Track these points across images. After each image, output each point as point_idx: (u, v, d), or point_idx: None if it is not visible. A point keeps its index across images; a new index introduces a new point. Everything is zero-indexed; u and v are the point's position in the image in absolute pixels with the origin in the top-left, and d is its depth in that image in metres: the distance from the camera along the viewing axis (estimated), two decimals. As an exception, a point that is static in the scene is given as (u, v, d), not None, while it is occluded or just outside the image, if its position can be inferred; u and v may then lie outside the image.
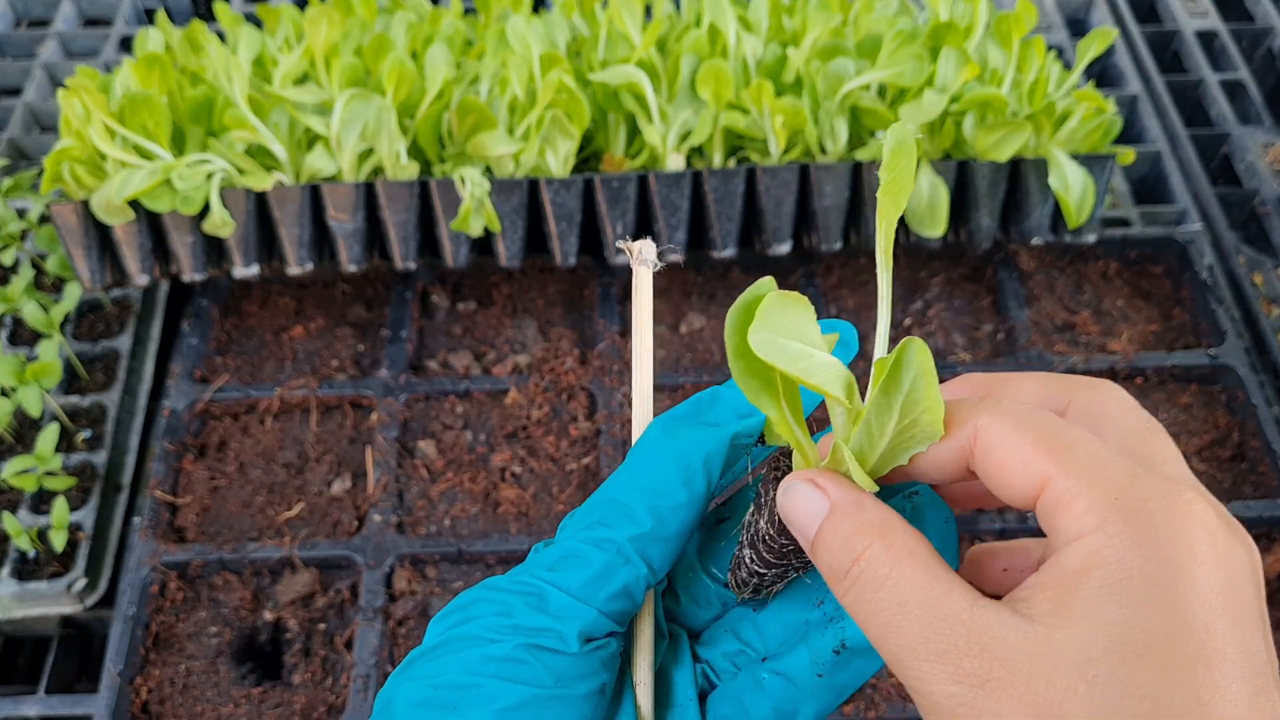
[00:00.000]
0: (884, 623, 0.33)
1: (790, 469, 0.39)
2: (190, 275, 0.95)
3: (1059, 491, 0.32)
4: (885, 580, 0.34)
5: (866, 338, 1.02)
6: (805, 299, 0.35)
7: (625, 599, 0.38)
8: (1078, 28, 1.39)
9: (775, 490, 0.38)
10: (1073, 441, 0.33)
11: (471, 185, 0.90)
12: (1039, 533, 0.36)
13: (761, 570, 0.40)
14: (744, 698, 0.40)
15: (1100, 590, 0.31)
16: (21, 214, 1.10)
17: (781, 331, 0.34)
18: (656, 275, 1.20)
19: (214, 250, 0.96)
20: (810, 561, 0.38)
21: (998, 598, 0.33)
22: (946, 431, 0.35)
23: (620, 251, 0.95)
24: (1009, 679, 0.31)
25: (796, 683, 0.39)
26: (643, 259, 0.49)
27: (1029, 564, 0.38)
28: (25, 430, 0.98)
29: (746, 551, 0.40)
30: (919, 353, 0.34)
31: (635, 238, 1.04)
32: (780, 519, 0.38)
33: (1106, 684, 0.30)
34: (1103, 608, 0.31)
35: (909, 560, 0.34)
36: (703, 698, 0.41)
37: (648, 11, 1.05)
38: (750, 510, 0.40)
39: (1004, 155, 0.92)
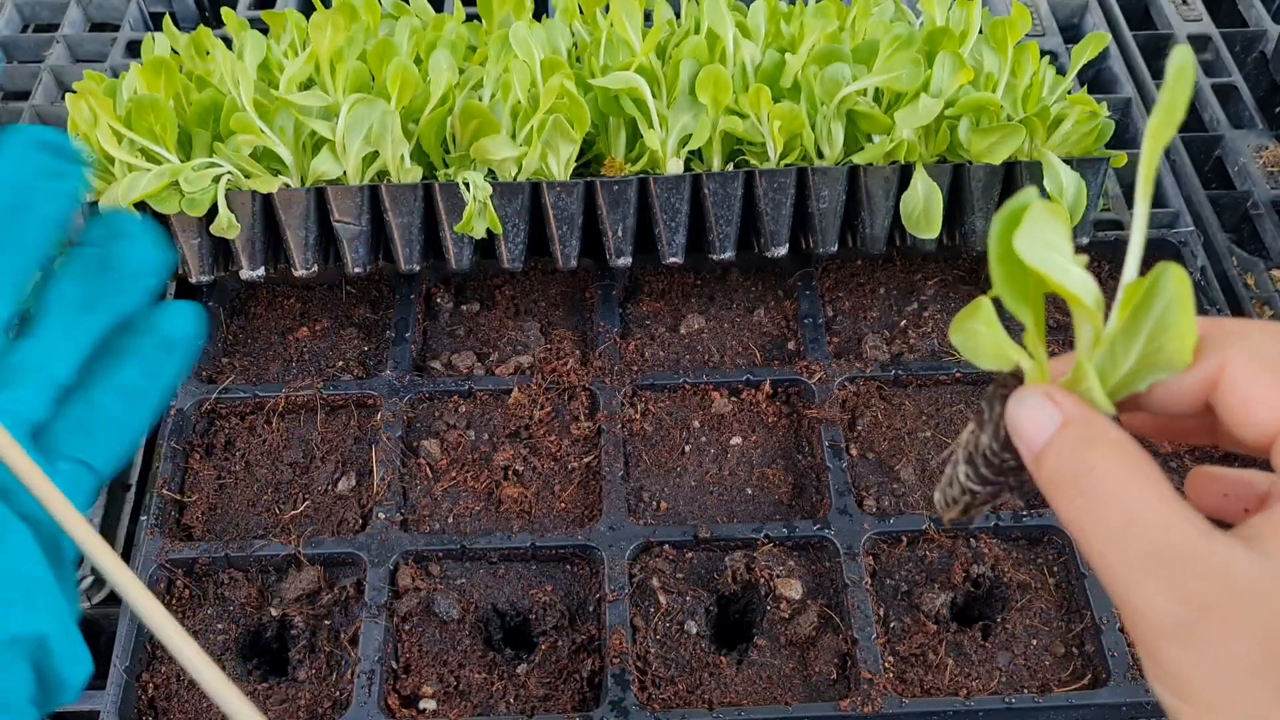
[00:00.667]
0: (1113, 538, 0.33)
1: (1019, 387, 0.39)
2: (197, 277, 0.96)
3: None
4: (1117, 496, 0.34)
5: (863, 338, 1.04)
6: (1065, 212, 0.36)
7: None
8: (1071, 33, 1.41)
9: (1003, 405, 0.38)
10: None
11: (475, 188, 0.91)
12: None
13: (976, 487, 0.40)
14: None
15: None
16: (29, 217, 1.11)
17: (1045, 240, 0.35)
18: (656, 277, 1.21)
19: (221, 252, 0.98)
20: (1025, 481, 0.38)
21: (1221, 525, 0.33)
22: (1194, 362, 0.35)
23: (621, 254, 0.97)
24: (1235, 607, 0.31)
25: None
26: None
27: (1252, 496, 0.39)
28: (33, 430, 0.99)
29: (962, 469, 0.41)
30: (1176, 278, 0.34)
31: (636, 241, 1.05)
32: (1006, 433, 0.38)
33: None
34: None
35: (1142, 480, 0.34)
36: None
37: (648, 18, 1.06)
38: (969, 429, 0.41)
39: (998, 158, 0.93)
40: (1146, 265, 1.14)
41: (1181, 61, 0.35)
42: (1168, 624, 0.32)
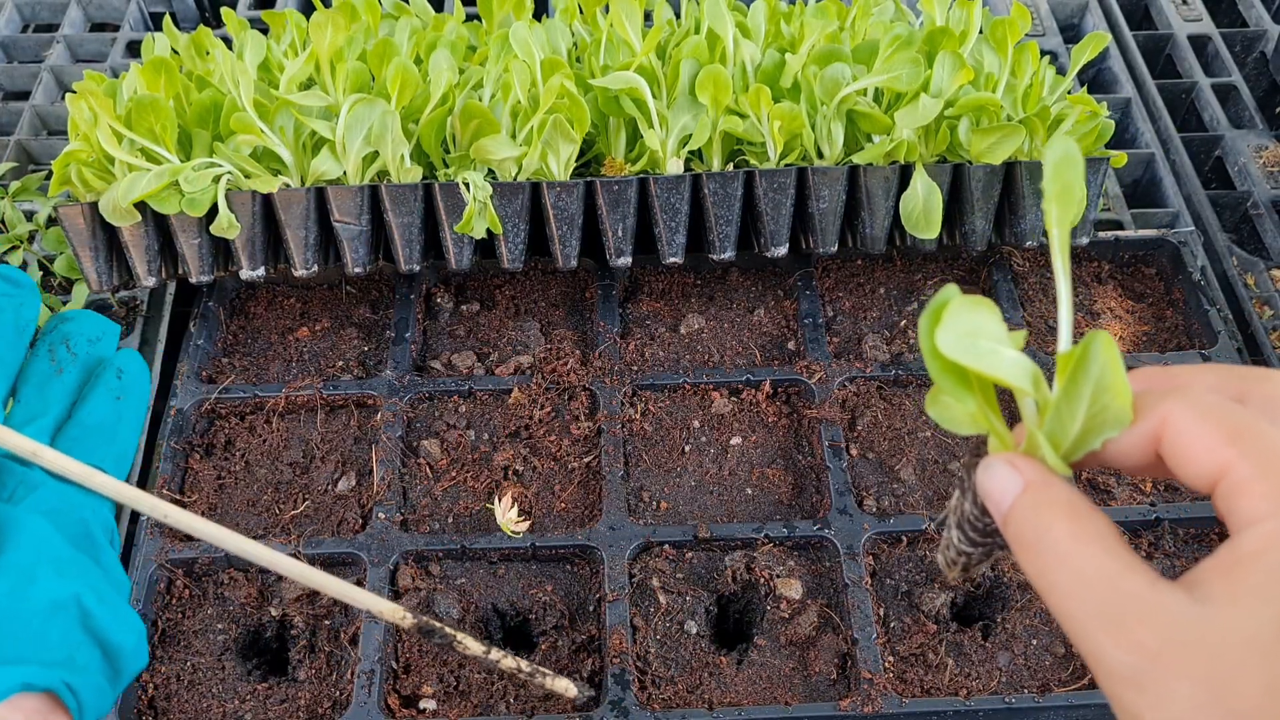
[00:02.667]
0: (1065, 593, 0.36)
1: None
2: (197, 277, 0.96)
3: (1239, 478, 0.35)
4: (1069, 555, 0.36)
5: (863, 338, 1.04)
6: (989, 301, 0.38)
7: None
8: (1071, 33, 1.41)
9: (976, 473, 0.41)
10: (1253, 430, 0.36)
11: (475, 188, 0.91)
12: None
13: (968, 550, 0.44)
14: None
15: (1275, 571, 0.33)
16: (29, 216, 1.11)
17: (967, 331, 0.37)
18: (656, 277, 1.21)
19: (221, 252, 0.98)
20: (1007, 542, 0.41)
21: None
22: (1135, 418, 0.38)
23: (621, 254, 0.97)
24: (1181, 653, 0.33)
25: None
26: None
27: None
28: (34, 430, 0.99)
29: (954, 533, 0.44)
30: (1105, 344, 0.36)
31: (636, 241, 1.05)
32: (981, 499, 0.41)
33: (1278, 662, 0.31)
34: (1277, 588, 0.33)
35: (1093, 538, 0.36)
36: None
37: (648, 18, 1.06)
38: (955, 495, 0.44)
39: (998, 158, 0.93)
40: (1146, 264, 1.14)
41: (1065, 149, 0.38)
42: (1123, 671, 0.34)
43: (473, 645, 0.70)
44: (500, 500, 0.90)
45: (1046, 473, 0.39)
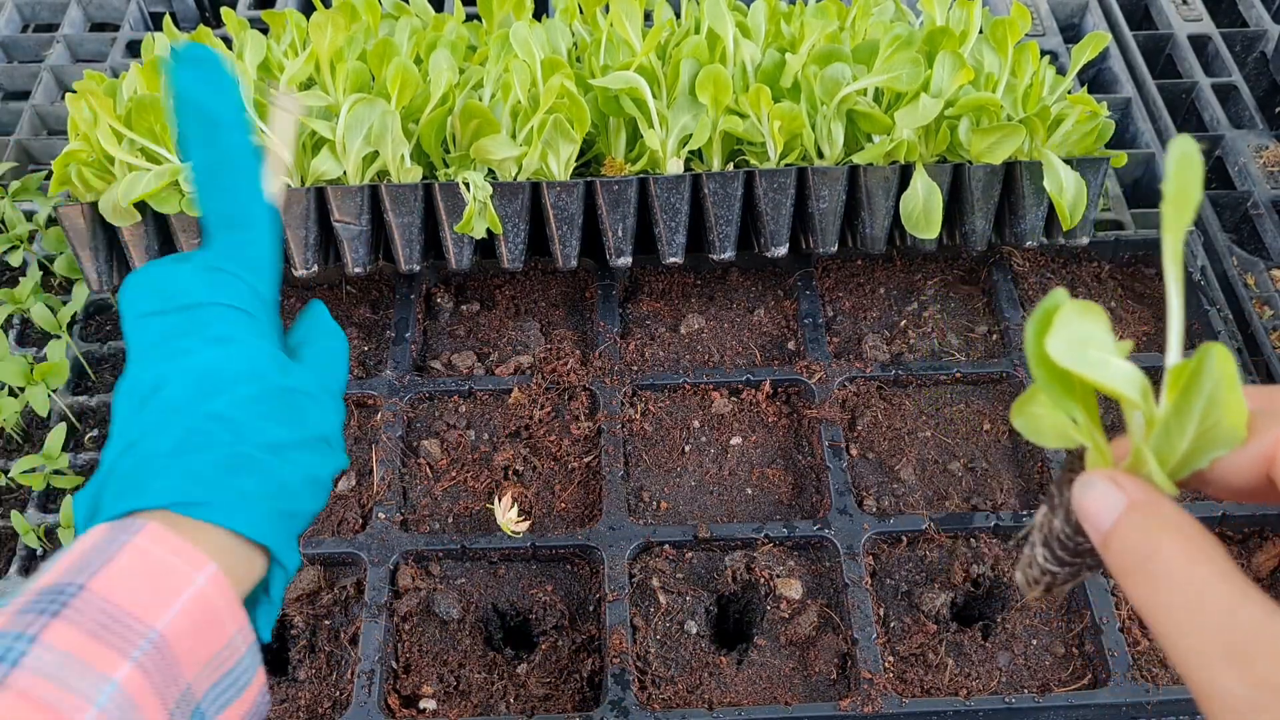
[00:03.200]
0: (1176, 622, 0.34)
1: (1084, 470, 0.40)
2: (197, 277, 0.96)
3: None
4: (1180, 580, 0.34)
5: (863, 338, 1.04)
6: (1099, 307, 0.36)
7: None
8: (1072, 33, 1.41)
9: (1071, 489, 0.39)
10: None
11: (475, 188, 0.91)
12: None
13: (1054, 569, 0.41)
14: None
15: None
16: (29, 216, 1.11)
17: (1078, 339, 0.36)
18: (656, 277, 1.21)
19: (220, 252, 0.98)
20: (1099, 562, 0.39)
21: None
22: (1248, 438, 0.36)
23: (620, 254, 0.97)
24: None
25: None
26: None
27: None
28: (33, 429, 0.99)
29: (1039, 551, 0.41)
30: (1220, 358, 0.34)
31: (636, 241, 1.05)
32: (1075, 517, 0.39)
33: None
34: None
35: (1205, 562, 0.34)
36: None
37: (648, 18, 1.06)
38: (1043, 510, 0.42)
39: (998, 158, 0.93)
40: (1146, 264, 1.13)
41: (1184, 150, 0.35)
42: (1239, 706, 0.32)
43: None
44: (500, 500, 0.90)
45: (1153, 491, 0.37)
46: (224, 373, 0.50)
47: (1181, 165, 0.35)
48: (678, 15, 1.08)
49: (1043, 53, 1.24)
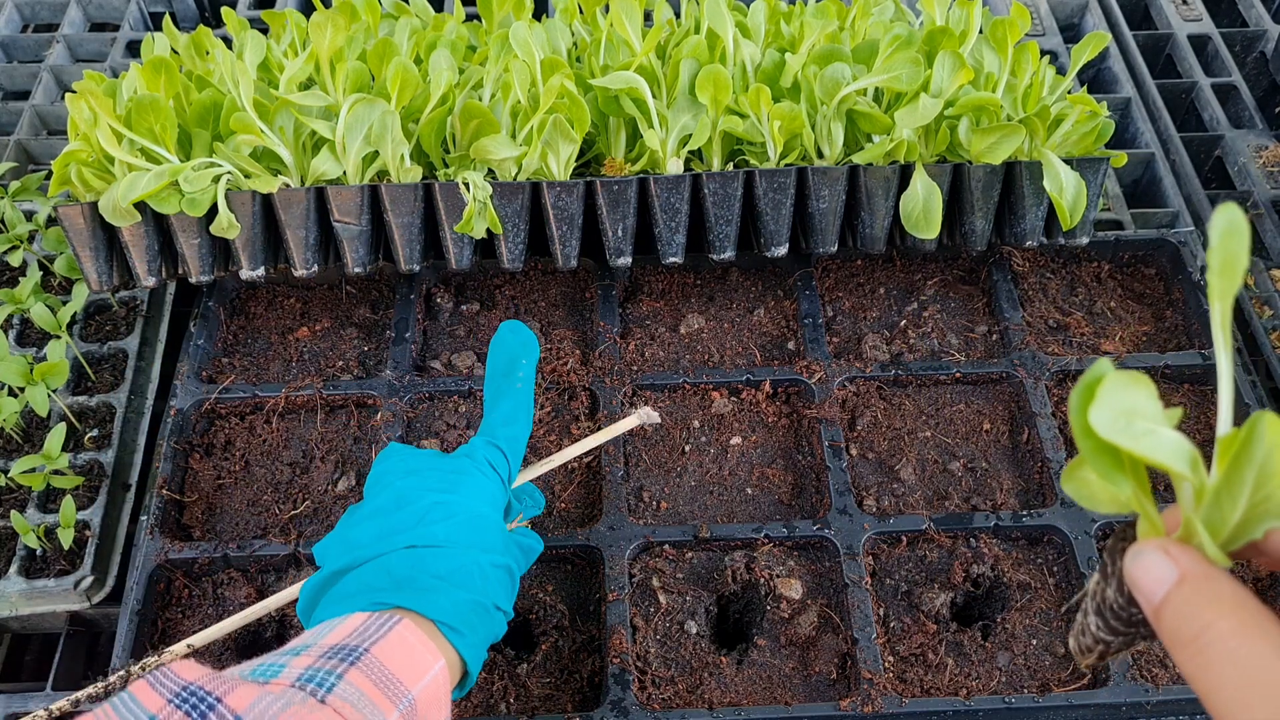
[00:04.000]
0: (1229, 698, 0.33)
1: (1136, 539, 0.39)
2: (197, 277, 0.96)
3: None
4: (1235, 655, 0.34)
5: (863, 338, 1.04)
6: (1145, 377, 0.36)
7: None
8: (1071, 33, 1.41)
9: (1123, 559, 0.39)
10: None
11: (474, 188, 0.91)
12: None
13: (1107, 638, 0.41)
14: None
15: None
16: (29, 216, 1.11)
17: (1123, 410, 0.35)
18: (656, 277, 1.21)
19: (221, 252, 0.98)
20: (1154, 632, 0.38)
21: None
22: None
23: (620, 254, 0.97)
24: None
25: None
26: (644, 416, 0.82)
27: None
28: (33, 429, 0.99)
29: (1092, 620, 0.41)
30: (1272, 428, 0.34)
31: (636, 241, 1.05)
32: (1128, 587, 0.38)
33: None
34: None
35: (1260, 637, 0.34)
36: None
37: (648, 18, 1.06)
38: (1095, 579, 0.41)
39: (998, 158, 0.93)
40: (1144, 264, 1.13)
41: (1230, 218, 0.35)
42: None
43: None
44: None
45: (1205, 563, 0.36)
46: (487, 529, 0.70)
47: (1228, 235, 0.35)
48: (678, 15, 1.08)
49: (1043, 53, 1.24)
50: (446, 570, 0.65)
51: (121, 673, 0.69)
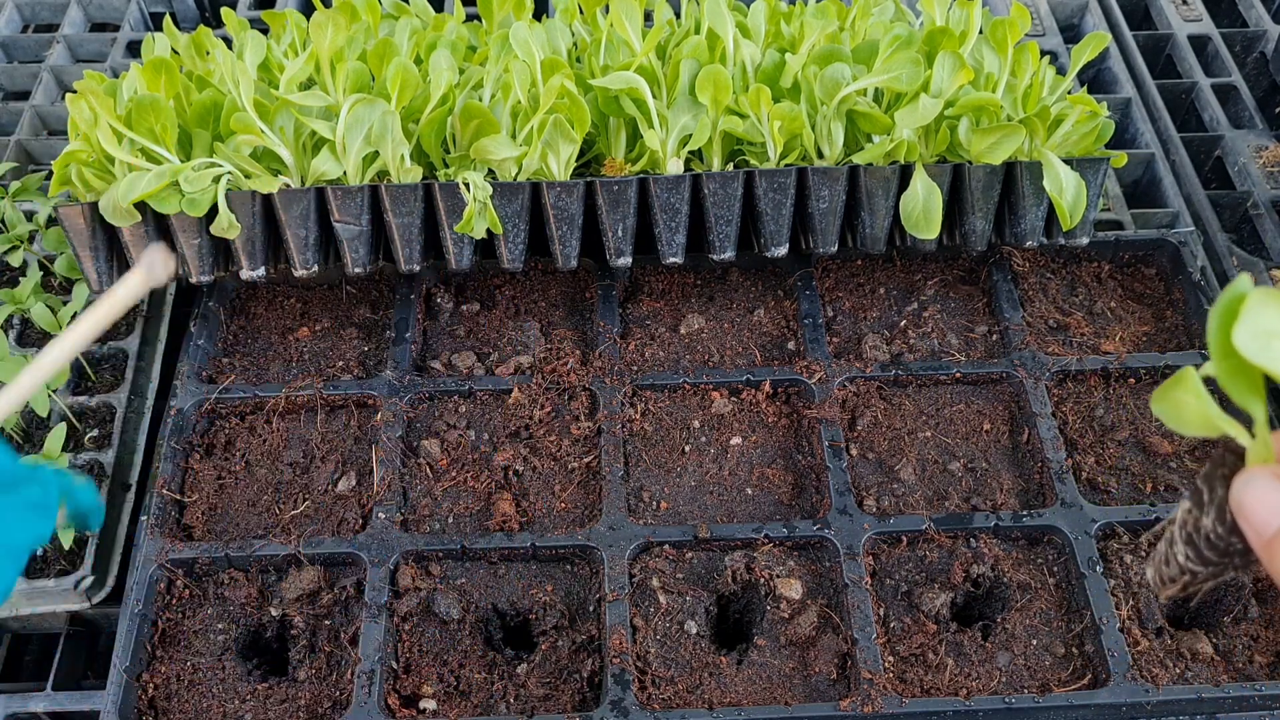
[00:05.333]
0: None
1: (1241, 468, 0.38)
2: (197, 277, 0.96)
3: None
4: None
5: (863, 338, 1.04)
6: None
7: None
8: (1071, 33, 1.41)
9: (1226, 487, 0.37)
10: None
11: (475, 189, 0.91)
12: None
13: (1197, 568, 0.39)
14: None
15: None
16: (29, 216, 1.11)
17: (1265, 331, 0.33)
18: (656, 277, 1.20)
19: (221, 252, 0.98)
20: (1254, 562, 0.37)
21: None
22: None
23: (620, 254, 0.97)
24: None
25: None
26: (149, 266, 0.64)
27: None
28: (33, 429, 0.99)
29: (1180, 549, 0.39)
30: None
31: (636, 241, 1.05)
32: (1232, 516, 0.37)
33: None
34: None
35: None
36: None
37: (648, 18, 1.06)
38: (1185, 506, 0.40)
39: (998, 158, 0.93)
40: (1146, 264, 1.13)
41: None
42: None
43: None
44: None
45: None
46: None
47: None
48: (678, 15, 1.08)
49: (1043, 53, 1.24)
50: None
51: None
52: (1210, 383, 0.38)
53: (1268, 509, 0.35)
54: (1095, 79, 1.34)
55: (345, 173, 0.94)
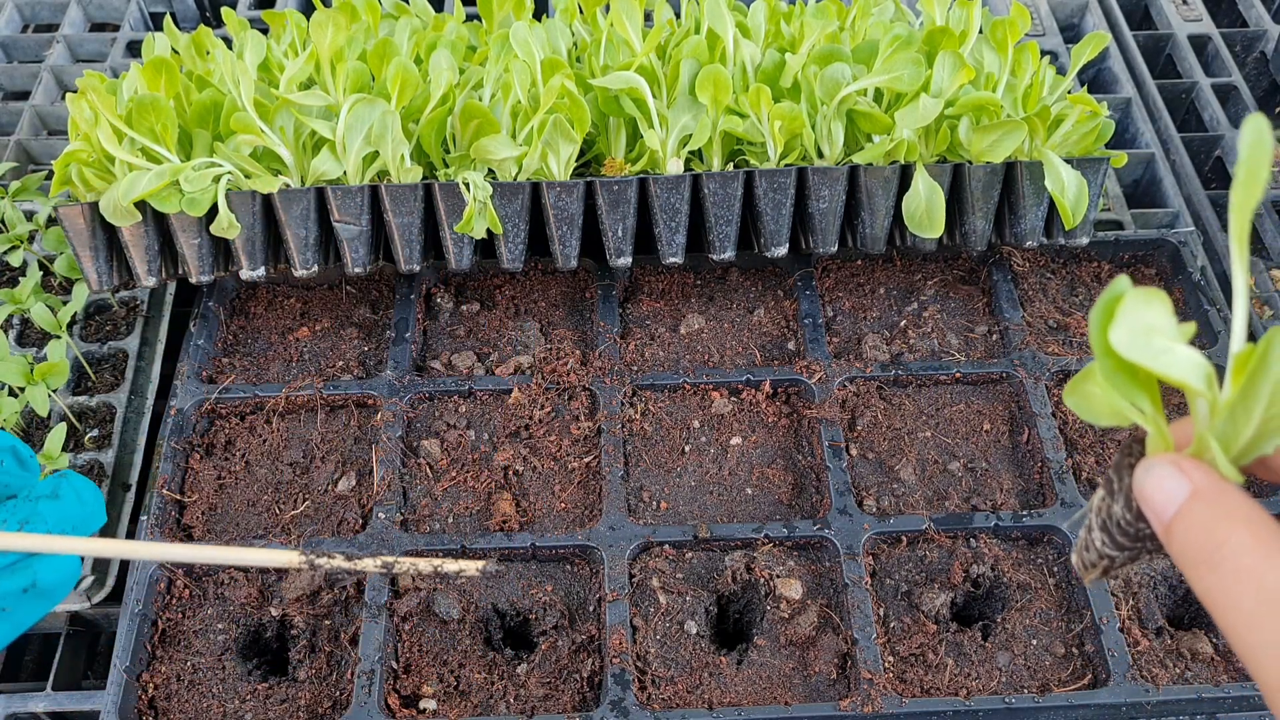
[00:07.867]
0: (1245, 616, 0.33)
1: (1144, 455, 0.39)
2: (197, 277, 0.96)
3: None
4: (1250, 572, 0.33)
5: (863, 338, 1.04)
6: (1163, 294, 0.35)
7: None
8: (1071, 33, 1.41)
9: (1130, 474, 0.38)
10: None
11: (475, 188, 0.91)
12: None
13: (1113, 553, 0.41)
14: None
15: None
16: (29, 216, 1.11)
17: (1141, 328, 0.35)
18: (656, 277, 1.20)
19: (221, 252, 0.98)
20: (1160, 547, 0.38)
21: None
22: None
23: (620, 254, 0.97)
24: None
25: None
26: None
27: None
28: (33, 429, 0.99)
29: (1097, 535, 0.41)
30: None
31: (637, 241, 1.05)
32: (1137, 503, 0.38)
33: None
34: None
35: (1275, 553, 0.33)
36: None
37: (648, 18, 1.06)
38: (1099, 495, 0.41)
39: (999, 156, 0.93)
40: (1146, 264, 1.13)
41: (1256, 129, 0.34)
42: None
43: (369, 563, 0.68)
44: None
45: (1218, 479, 0.36)
46: None
47: (1253, 147, 0.35)
48: (678, 15, 1.08)
49: (1043, 53, 1.24)
50: None
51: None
52: None
53: (1165, 495, 0.36)
54: (1095, 79, 1.34)
55: (345, 173, 0.94)
